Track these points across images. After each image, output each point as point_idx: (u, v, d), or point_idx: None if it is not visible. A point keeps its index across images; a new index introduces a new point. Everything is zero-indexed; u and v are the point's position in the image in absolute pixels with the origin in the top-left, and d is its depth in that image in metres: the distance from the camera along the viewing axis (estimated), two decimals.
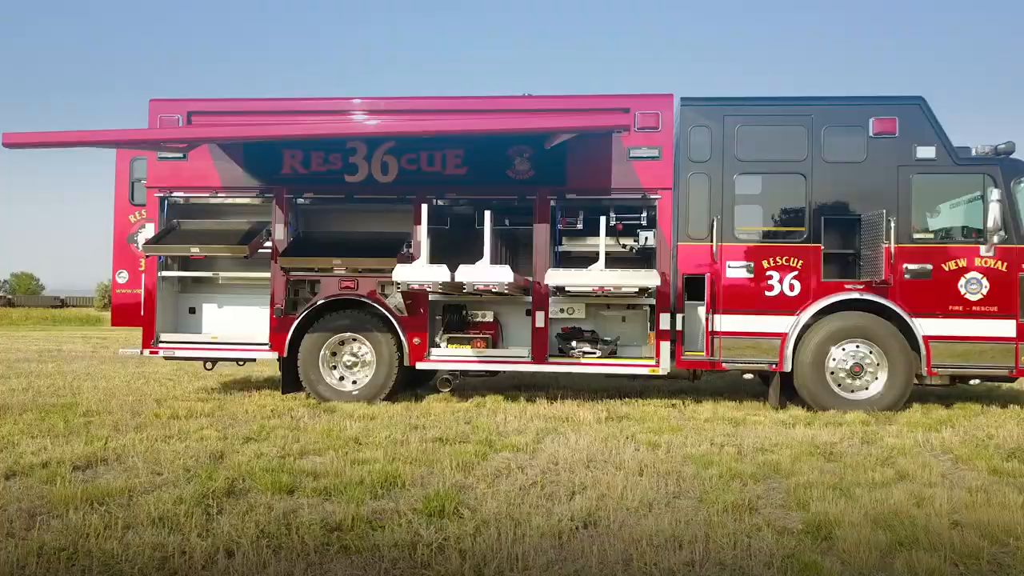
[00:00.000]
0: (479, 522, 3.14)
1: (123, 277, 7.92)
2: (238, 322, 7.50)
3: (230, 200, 7.36)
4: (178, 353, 7.34)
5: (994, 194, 6.57)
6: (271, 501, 3.44)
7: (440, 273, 6.15)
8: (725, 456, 4.57)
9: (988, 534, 3.01)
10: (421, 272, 6.24)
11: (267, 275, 7.18)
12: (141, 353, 7.29)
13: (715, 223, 6.85)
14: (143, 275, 7.39)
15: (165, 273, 7.35)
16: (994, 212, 6.53)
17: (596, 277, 6.53)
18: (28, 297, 75.76)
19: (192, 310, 7.63)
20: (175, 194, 7.30)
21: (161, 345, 7.26)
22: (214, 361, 7.67)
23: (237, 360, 7.86)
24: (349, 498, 3.47)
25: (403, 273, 6.24)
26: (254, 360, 7.88)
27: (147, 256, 7.23)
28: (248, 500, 3.46)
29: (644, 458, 4.48)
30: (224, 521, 3.12)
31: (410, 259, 6.69)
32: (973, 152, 6.96)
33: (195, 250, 7.04)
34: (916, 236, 6.80)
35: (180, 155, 7.08)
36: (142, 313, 7.33)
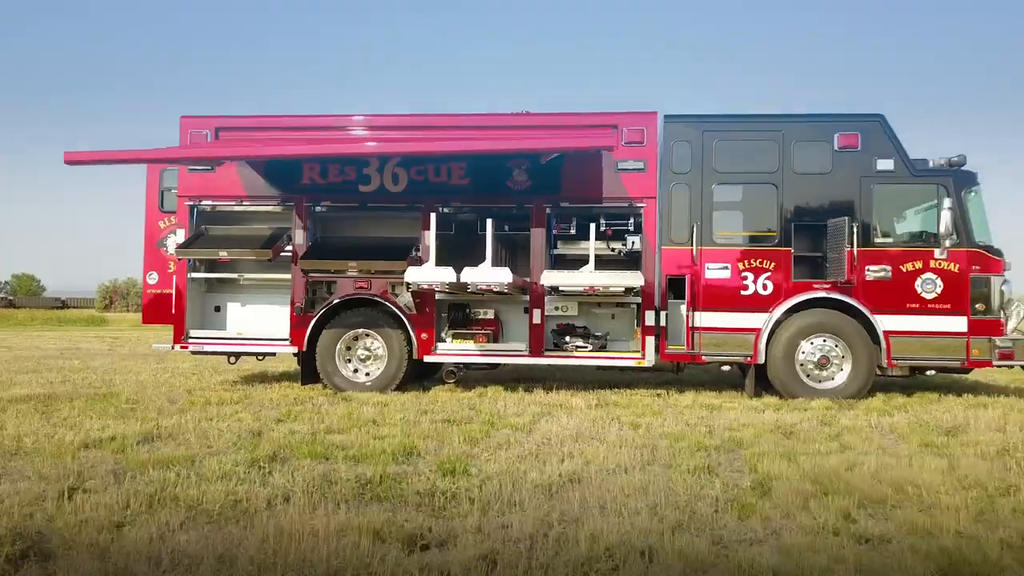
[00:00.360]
0: (484, 478, 3.86)
1: (153, 278, 8.63)
2: (259, 320, 8.21)
3: (253, 208, 8.08)
4: (206, 348, 8.05)
5: (947, 202, 7.29)
6: (311, 464, 4.15)
7: (447, 275, 6.88)
8: (696, 434, 5.28)
9: (896, 486, 3.73)
10: (430, 274, 6.98)
11: (285, 276, 7.90)
12: (172, 348, 8.01)
13: (695, 229, 7.58)
14: (174, 277, 8.11)
15: (194, 275, 8.06)
16: (946, 219, 7.26)
17: (587, 278, 7.27)
18: (29, 298, 76.37)
19: (217, 308, 8.34)
20: (203, 202, 8.02)
21: (190, 341, 7.97)
22: (238, 355, 8.38)
23: (258, 354, 8.57)
24: (375, 462, 4.18)
25: (414, 275, 6.98)
26: (274, 354, 8.59)
27: (179, 259, 7.94)
28: (291, 464, 4.18)
29: (625, 435, 5.20)
30: (277, 477, 3.84)
31: (419, 262, 7.41)
32: (930, 164, 7.71)
33: (223, 254, 7.77)
34: (877, 240, 7.53)
35: (209, 167, 7.80)
36: (173, 312, 8.05)
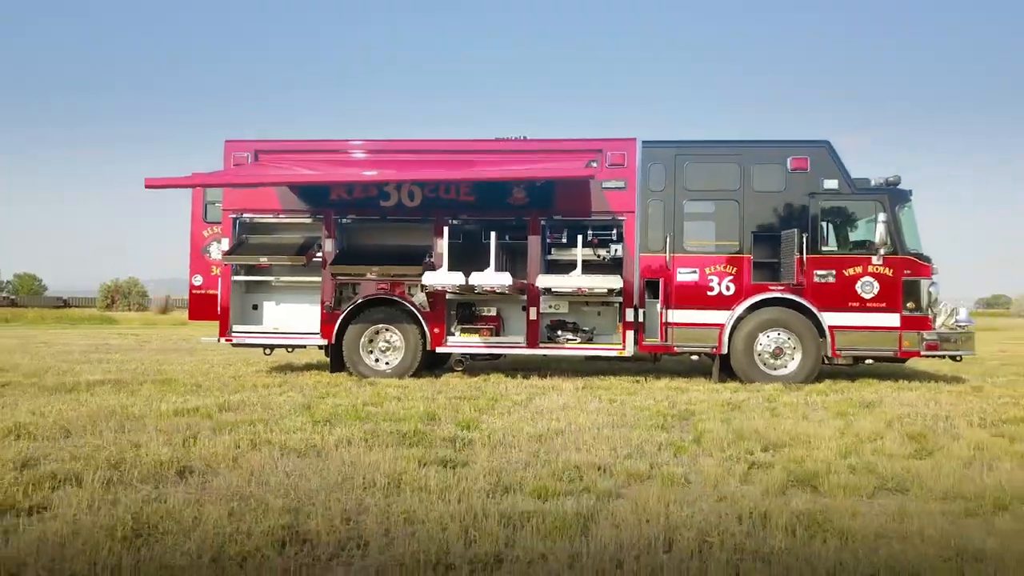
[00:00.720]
0: (491, 431, 5.20)
1: (198, 280, 9.97)
2: (291, 316, 9.55)
3: (288, 220, 9.42)
4: (246, 341, 9.40)
5: (882, 216, 8.63)
6: (359, 424, 5.49)
7: (457, 278, 8.24)
8: (660, 407, 6.62)
9: (796, 437, 5.07)
10: (443, 277, 8.34)
11: (315, 279, 9.22)
12: (218, 340, 9.34)
13: (668, 238, 8.93)
14: (219, 279, 9.44)
15: (236, 278, 9.39)
16: (882, 230, 8.60)
17: (575, 281, 8.63)
18: (31, 298, 77.45)
19: (255, 307, 9.67)
20: (245, 215, 9.36)
21: (233, 334, 9.31)
22: (273, 347, 9.73)
23: (291, 347, 9.91)
24: (408, 422, 5.52)
25: (430, 278, 8.34)
26: (304, 347, 9.93)
27: (224, 264, 9.27)
28: (342, 425, 5.51)
29: (603, 407, 6.54)
30: (336, 430, 5.17)
31: (432, 267, 8.76)
32: (872, 182, 9.06)
33: (263, 260, 9.11)
34: (824, 249, 8.88)
35: (251, 185, 9.14)
36: (218, 310, 9.39)
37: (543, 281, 8.78)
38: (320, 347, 9.67)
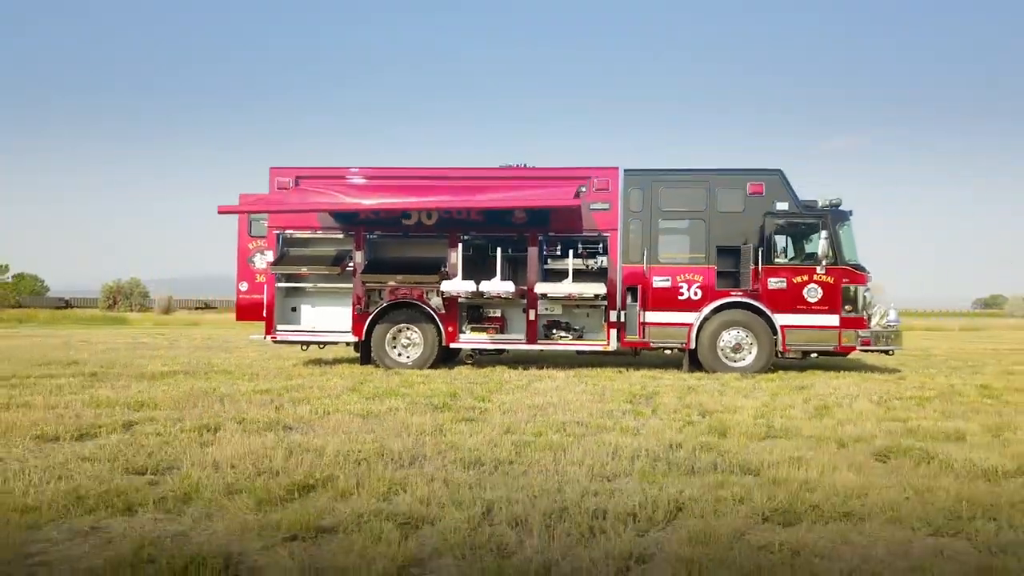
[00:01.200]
0: (500, 403, 7.00)
1: (244, 287, 11.75)
2: (325, 317, 11.33)
3: (324, 235, 11.21)
4: (288, 338, 11.18)
5: (824, 233, 10.46)
6: (399, 399, 7.28)
7: (470, 286, 10.06)
8: (633, 388, 8.42)
9: (728, 407, 6.87)
10: (458, 285, 10.15)
11: (346, 286, 11.01)
12: (264, 338, 11.13)
13: (645, 252, 10.74)
14: (264, 286, 11.23)
15: (279, 284, 11.18)
16: (824, 245, 10.41)
17: (567, 287, 10.43)
18: (34, 298, 78.99)
19: (294, 309, 11.46)
20: (287, 231, 11.16)
21: (277, 333, 11.10)
22: (310, 344, 11.51)
23: (325, 343, 11.69)
24: (436, 398, 7.31)
25: (447, 286, 10.16)
26: (336, 343, 11.71)
27: (271, 273, 11.06)
28: (387, 399, 7.30)
29: (587, 388, 8.34)
30: (383, 403, 6.97)
31: (447, 276, 10.56)
32: (819, 204, 10.87)
33: (304, 270, 10.91)
34: (776, 260, 10.68)
35: (303, 211, 10.92)
36: (264, 313, 11.18)
37: (540, 288, 10.59)
38: (348, 343, 11.47)
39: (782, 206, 10.70)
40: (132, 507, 3.55)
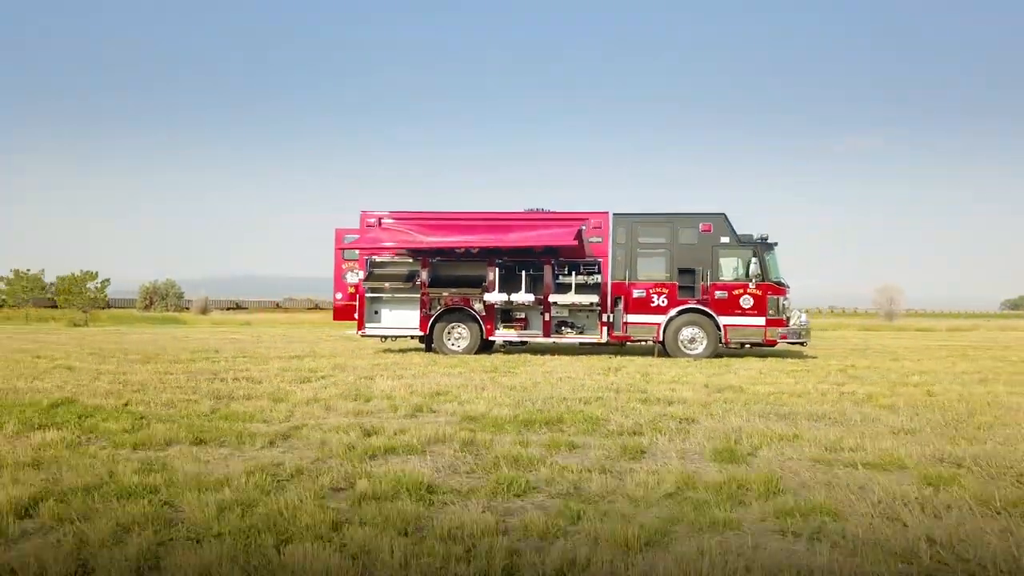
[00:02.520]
0: (525, 372, 11.93)
1: (339, 296, 16.82)
2: (399, 318, 16.34)
3: (399, 260, 16.23)
4: (373, 333, 16.23)
5: (754, 260, 15.26)
6: (467, 369, 12.24)
7: (503, 296, 15.05)
8: (611, 364, 13.28)
9: (672, 381, 11.75)
10: (495, 296, 15.15)
11: (412, 296, 16.00)
12: (356, 333, 16.20)
13: (627, 272, 15.62)
14: (356, 296, 16.28)
15: (367, 295, 16.22)
16: (754, 267, 15.22)
17: (572, 297, 15.37)
18: (74, 298, 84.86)
19: (376, 312, 16.50)
20: (373, 257, 16.20)
21: (366, 329, 16.16)
22: (387, 338, 16.56)
23: (398, 337, 16.68)
24: (488, 369, 12.26)
25: (487, 296, 15.15)
26: (407, 337, 16.70)
27: (362, 287, 16.11)
28: (457, 368, 12.24)
29: (583, 366, 13.24)
30: (457, 370, 11.93)
31: (487, 290, 15.53)
32: (754, 236, 15.68)
33: (386, 285, 15.95)
34: (721, 278, 15.50)
35: (374, 236, 15.96)
36: (356, 316, 16.24)
37: (553, 297, 15.52)
38: (414, 337, 16.46)
39: (724, 239, 15.53)
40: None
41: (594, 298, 15.43)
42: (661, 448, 5.73)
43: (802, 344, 15.72)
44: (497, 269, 15.68)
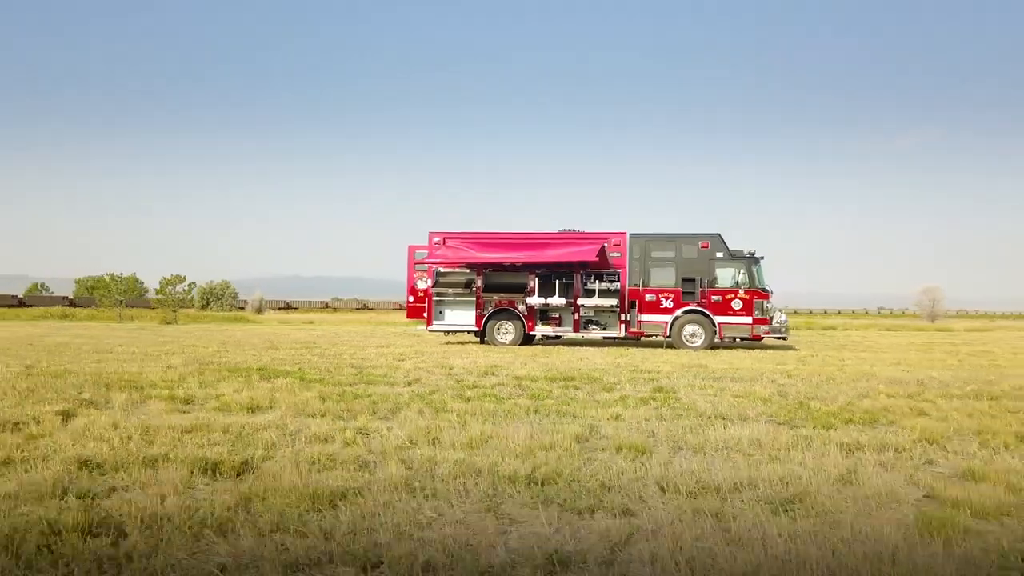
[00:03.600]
0: (559, 357, 16.57)
1: (411, 299, 21.73)
2: (459, 317, 21.15)
3: (459, 270, 21.06)
4: (438, 329, 21.08)
5: (743, 271, 19.64)
6: (514, 355, 16.94)
7: (542, 300, 19.77)
8: (627, 355, 17.83)
9: (657, 361, 16.26)
10: (535, 300, 19.88)
11: (469, 299, 20.79)
12: (425, 328, 21.11)
13: (641, 280, 20.15)
14: (425, 299, 21.17)
15: (435, 298, 21.09)
16: (743, 278, 19.60)
17: (596, 300, 20.00)
18: (135, 299, 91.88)
19: (440, 312, 21.35)
20: (438, 267, 21.06)
21: (433, 325, 21.04)
22: (449, 332, 21.42)
23: (456, 332, 21.48)
24: (530, 355, 16.94)
25: (529, 300, 19.88)
26: (465, 332, 21.48)
27: (431, 292, 20.98)
28: (506, 354, 16.95)
29: (600, 353, 17.82)
30: (507, 356, 16.66)
31: (529, 294, 20.25)
32: (744, 252, 20.05)
33: (449, 291, 20.80)
34: (716, 286, 19.91)
35: (439, 252, 20.81)
36: (424, 314, 21.14)
37: (581, 301, 20.14)
38: (471, 332, 21.24)
39: (719, 254, 19.92)
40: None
41: (614, 301, 19.99)
42: (624, 389, 10.31)
43: (783, 339, 20.02)
44: (536, 278, 20.37)
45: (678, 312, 19.97)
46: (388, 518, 4.04)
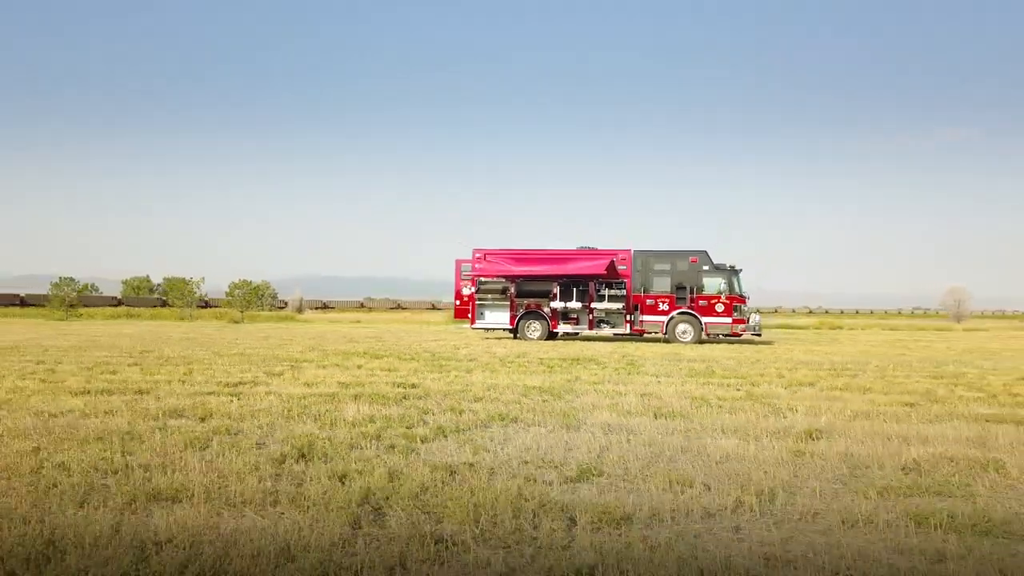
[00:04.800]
0: (576, 347, 22.54)
1: (457, 303, 27.88)
2: (496, 317, 27.22)
3: (496, 280, 27.13)
4: (479, 327, 27.19)
5: (724, 281, 25.42)
6: (538, 346, 22.94)
7: (562, 304, 25.82)
8: (626, 348, 23.70)
9: (644, 351, 22.11)
10: (557, 304, 25.94)
11: (504, 303, 26.84)
12: (469, 327, 27.24)
13: (643, 288, 26.03)
14: (469, 303, 27.30)
15: (476, 302, 27.20)
16: (724, 287, 25.40)
17: (606, 305, 25.96)
18: (179, 299, 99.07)
19: (481, 313, 27.45)
20: (480, 277, 27.16)
21: (475, 325, 27.17)
22: (488, 330, 27.51)
23: (494, 329, 27.55)
24: (551, 347, 22.92)
25: (553, 304, 25.94)
26: (502, 330, 27.52)
27: (474, 297, 27.10)
28: (535, 345, 22.92)
29: (608, 345, 23.72)
30: (534, 348, 22.66)
31: (552, 299, 26.27)
32: (727, 265, 25.83)
33: (488, 297, 26.91)
34: (703, 293, 25.70)
35: (480, 265, 26.93)
36: (469, 315, 27.27)
37: (594, 304, 26.08)
38: (505, 329, 27.25)
39: (705, 268, 25.69)
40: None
41: (621, 305, 25.85)
42: (605, 363, 16.17)
43: (757, 335, 25.74)
44: (558, 286, 26.31)
45: (673, 314, 25.78)
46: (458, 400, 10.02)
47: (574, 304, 26.05)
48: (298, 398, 9.74)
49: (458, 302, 27.94)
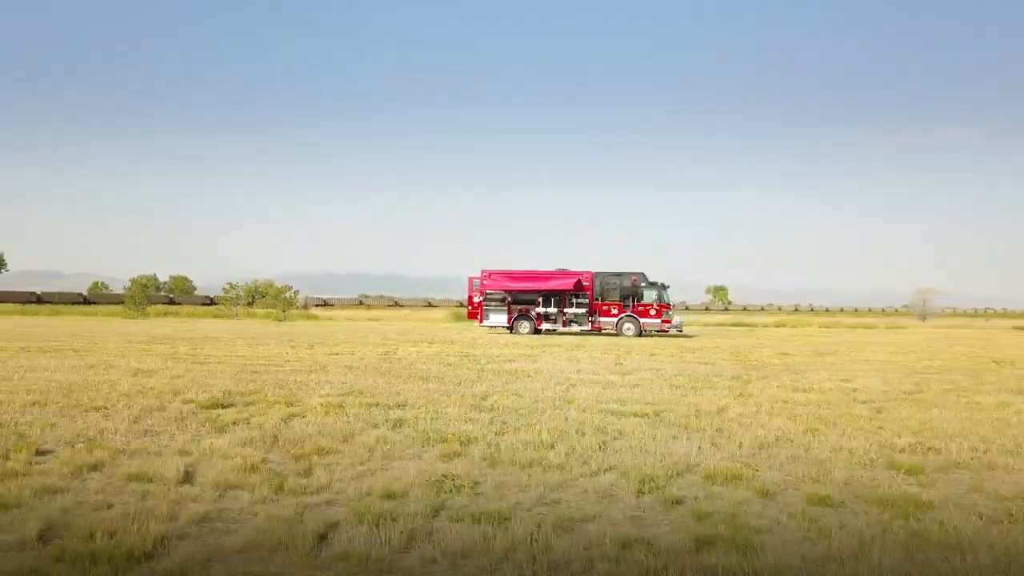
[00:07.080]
0: (549, 339, 36.07)
1: (470, 307, 41.49)
2: (498, 317, 40.86)
3: (499, 292, 40.74)
4: (486, 324, 40.89)
5: (655, 293, 39.25)
6: (527, 338, 36.44)
7: (544, 309, 39.73)
8: (581, 339, 37.20)
9: (593, 342, 35.64)
10: (541, 308, 39.90)
11: (503, 307, 40.46)
12: (477, 324, 40.94)
13: (600, 297, 39.83)
14: (478, 307, 40.91)
15: (485, 306, 40.83)
16: (655, 297, 39.23)
17: (574, 310, 39.90)
18: (185, 296, 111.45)
19: (487, 315, 41.08)
20: (487, 290, 40.81)
21: (482, 323, 40.85)
22: (492, 327, 41.15)
23: (497, 327, 41.12)
24: (537, 339, 36.40)
25: (538, 309, 39.91)
26: (501, 327, 41.04)
27: (482, 303, 40.74)
28: (527, 337, 36.35)
29: (575, 339, 37.25)
30: (537, 340, 36.19)
31: (537, 305, 40.00)
32: (658, 283, 39.61)
33: (492, 303, 40.62)
34: (641, 301, 39.42)
35: (487, 280, 40.57)
36: (478, 316, 40.94)
37: (566, 310, 39.79)
38: (503, 327, 40.76)
39: (643, 284, 39.44)
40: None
41: (585, 310, 39.48)
42: (561, 343, 29.62)
43: (680, 332, 39.55)
44: (541, 296, 39.93)
45: (621, 316, 39.43)
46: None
47: (552, 309, 39.71)
48: (450, 354, 23.19)
49: (469, 307, 41.52)
